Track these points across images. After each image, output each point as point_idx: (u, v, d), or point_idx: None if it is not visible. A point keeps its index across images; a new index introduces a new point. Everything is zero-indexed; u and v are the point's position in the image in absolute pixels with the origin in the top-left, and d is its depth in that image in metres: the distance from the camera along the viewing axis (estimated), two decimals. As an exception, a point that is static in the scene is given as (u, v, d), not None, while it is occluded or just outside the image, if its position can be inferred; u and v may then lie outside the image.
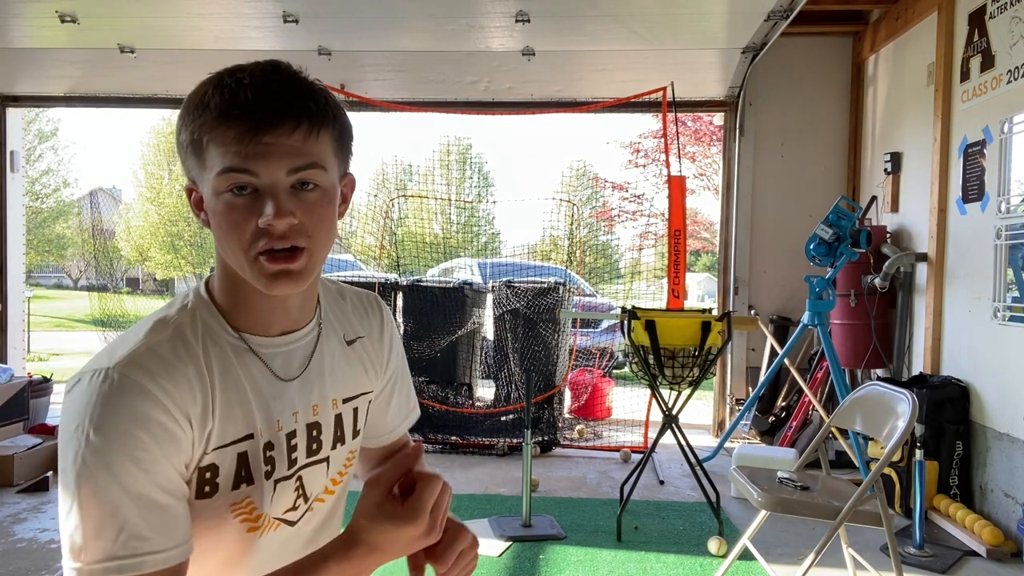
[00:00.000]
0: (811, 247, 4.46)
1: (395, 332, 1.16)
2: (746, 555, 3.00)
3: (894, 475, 3.89)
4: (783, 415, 5.37)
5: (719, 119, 6.43)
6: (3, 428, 4.70)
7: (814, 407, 4.88)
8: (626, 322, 3.76)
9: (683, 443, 3.70)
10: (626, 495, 3.67)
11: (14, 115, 6.51)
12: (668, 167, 5.47)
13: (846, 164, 5.77)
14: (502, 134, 58.97)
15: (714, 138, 13.05)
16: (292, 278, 0.86)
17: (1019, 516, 3.45)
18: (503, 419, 5.49)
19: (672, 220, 5.27)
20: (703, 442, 5.46)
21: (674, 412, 3.72)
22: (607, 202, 16.58)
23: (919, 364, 4.55)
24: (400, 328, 5.59)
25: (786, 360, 4.75)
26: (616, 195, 15.91)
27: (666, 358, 3.71)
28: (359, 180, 0.99)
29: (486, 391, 6.11)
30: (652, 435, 4.54)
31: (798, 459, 3.02)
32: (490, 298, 5.78)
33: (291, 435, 0.96)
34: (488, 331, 5.97)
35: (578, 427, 5.83)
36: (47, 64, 5.83)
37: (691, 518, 3.89)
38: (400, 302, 5.66)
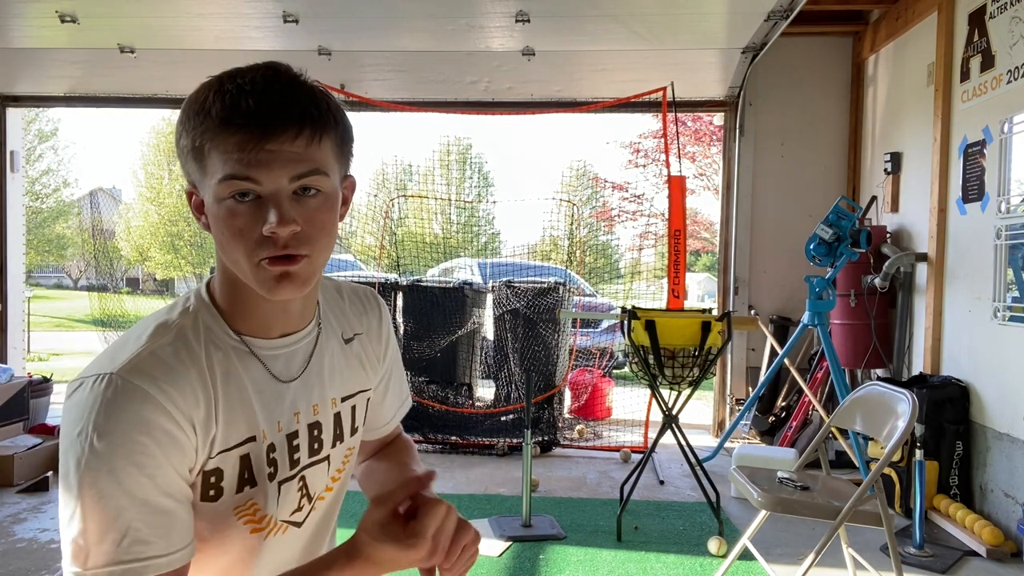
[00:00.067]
0: (811, 247, 4.46)
1: (391, 326, 1.17)
2: (746, 555, 3.00)
3: (894, 475, 3.89)
4: (783, 415, 5.37)
5: (719, 119, 6.43)
6: (3, 428, 4.70)
7: (814, 407, 4.88)
8: (626, 322, 3.76)
9: (683, 443, 3.70)
10: (626, 495, 3.67)
11: (14, 115, 6.51)
12: (668, 167, 5.47)
13: (846, 164, 5.77)
14: (502, 134, 59.03)
15: (714, 138, 13.05)
16: (294, 283, 0.85)
17: (1019, 516, 3.45)
18: (503, 419, 5.49)
19: (672, 220, 5.27)
20: (703, 442, 5.46)
21: (674, 412, 3.72)
22: (607, 202, 16.58)
23: (919, 364, 4.55)
24: (400, 328, 5.59)
25: (786, 360, 4.75)
26: (616, 195, 15.92)
27: (666, 358, 3.71)
28: (359, 180, 0.98)
29: (486, 391, 6.11)
30: (652, 435, 4.54)
31: (798, 459, 3.02)
32: (490, 298, 5.78)
33: (292, 436, 0.96)
34: (488, 331, 5.97)
35: (578, 427, 5.83)
36: (47, 64, 5.83)
37: (691, 518, 3.89)
38: (400, 302, 5.65)
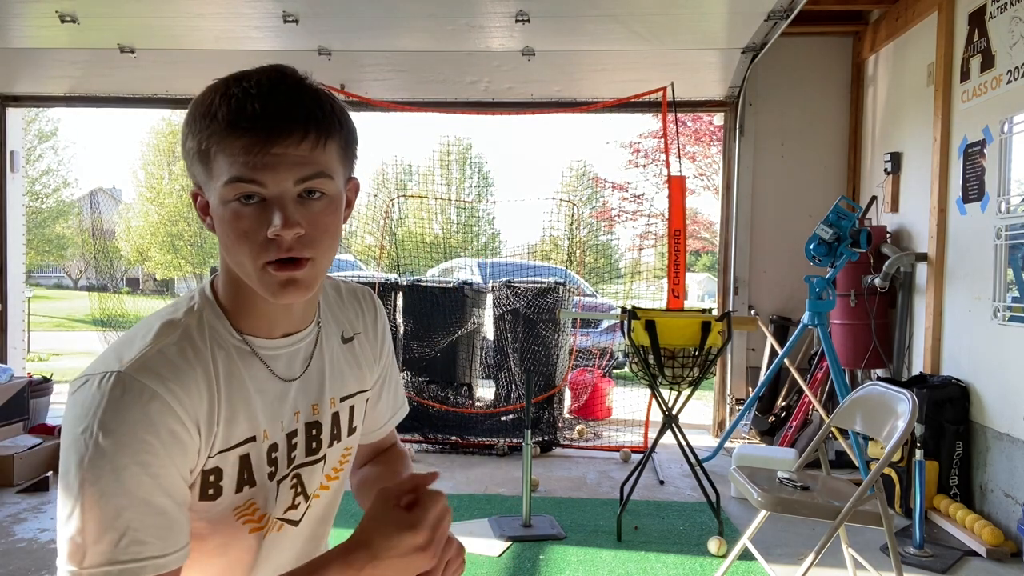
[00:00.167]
0: (811, 247, 4.46)
1: (386, 326, 1.17)
2: (746, 555, 3.00)
3: (894, 475, 3.89)
4: (783, 415, 5.37)
5: (719, 119, 6.43)
6: (3, 428, 4.70)
7: (814, 407, 4.88)
8: (626, 322, 3.76)
9: (683, 443, 3.70)
10: (626, 495, 3.67)
11: (14, 115, 6.51)
12: (668, 167, 5.47)
13: (846, 164, 5.77)
14: (502, 134, 59.01)
15: (714, 138, 13.05)
16: (299, 287, 0.86)
17: (1019, 516, 3.45)
18: (503, 419, 5.49)
19: (672, 220, 5.27)
20: (703, 442, 5.46)
21: (674, 412, 3.72)
22: (607, 202, 16.58)
23: (919, 364, 4.55)
24: (400, 328, 5.58)
25: (786, 360, 4.74)
26: (616, 195, 15.92)
27: (666, 358, 3.71)
28: (359, 180, 0.99)
29: (486, 391, 6.11)
30: (652, 435, 4.54)
31: (798, 459, 3.02)
32: (490, 298, 5.78)
33: (292, 435, 0.97)
34: (488, 331, 5.97)
35: (578, 427, 5.83)
36: (47, 64, 5.83)
37: (691, 518, 3.89)
38: (400, 302, 5.65)
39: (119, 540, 0.78)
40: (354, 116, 0.93)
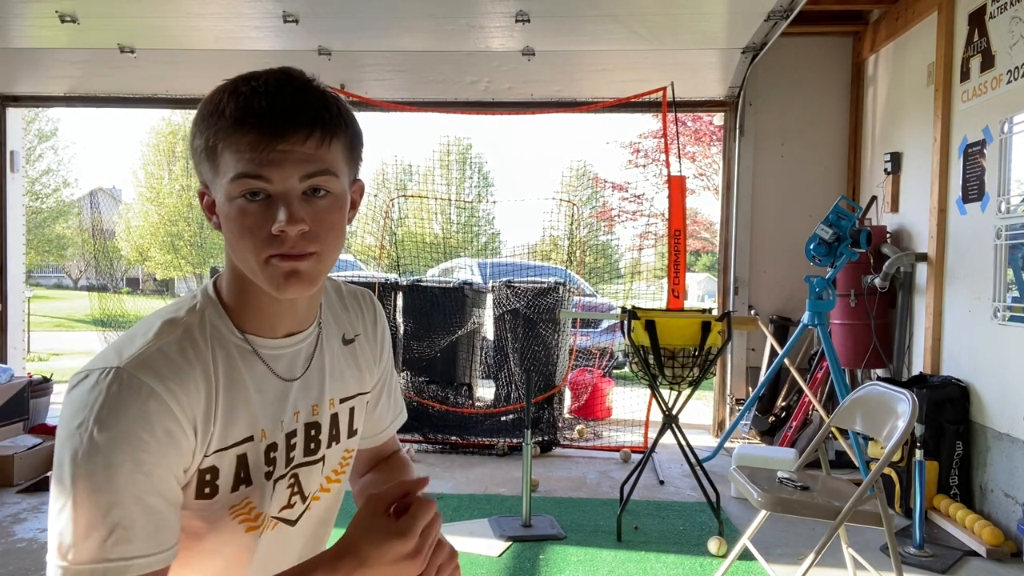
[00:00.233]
0: (811, 247, 4.46)
1: (386, 329, 1.17)
2: (746, 555, 3.00)
3: (894, 475, 3.89)
4: (783, 415, 5.37)
5: (719, 119, 6.43)
6: (3, 428, 4.70)
7: (814, 407, 4.88)
8: (626, 322, 3.76)
9: (683, 443, 3.70)
10: (626, 495, 3.67)
11: (14, 115, 6.51)
12: (668, 167, 5.47)
13: (846, 164, 5.77)
14: (502, 134, 58.99)
15: (714, 138, 13.05)
16: (302, 280, 0.86)
17: (1019, 516, 3.45)
18: (503, 419, 5.49)
19: (672, 220, 5.27)
20: (703, 442, 5.46)
21: (674, 412, 3.72)
22: (607, 202, 16.59)
23: (919, 364, 4.55)
24: (400, 328, 5.58)
25: (786, 360, 4.74)
26: (616, 195, 15.92)
27: (666, 358, 3.71)
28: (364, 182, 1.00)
29: (486, 391, 6.11)
30: (652, 435, 4.54)
31: (798, 459, 3.02)
32: (490, 298, 5.78)
33: (291, 435, 0.97)
34: (488, 331, 5.97)
35: (578, 427, 5.83)
36: (47, 64, 5.83)
37: (691, 518, 3.89)
38: (400, 302, 5.65)
39: (108, 537, 0.77)
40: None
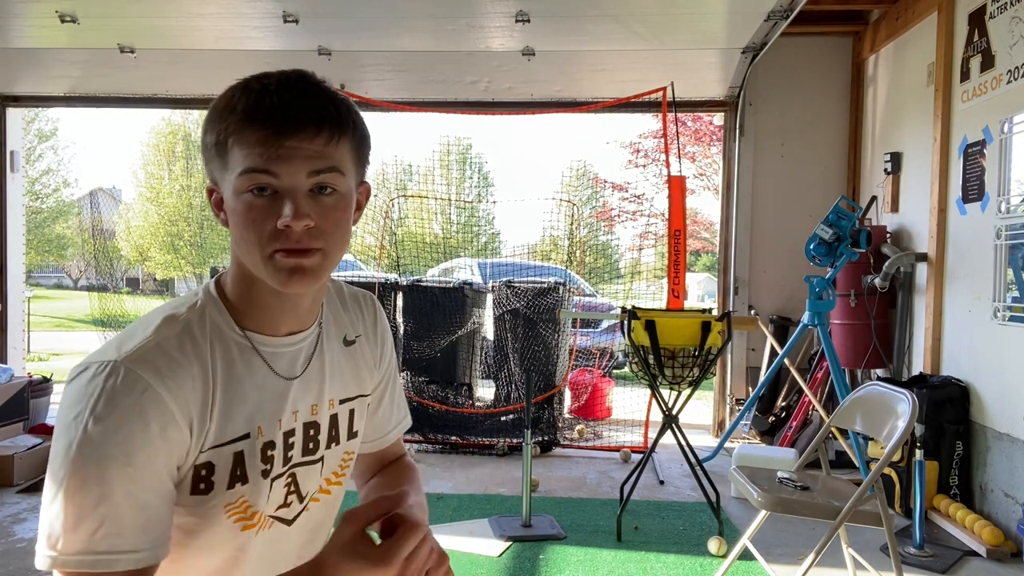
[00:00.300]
0: (811, 247, 4.46)
1: (387, 331, 1.17)
2: (746, 555, 3.00)
3: (894, 475, 3.89)
4: (783, 415, 5.37)
5: (719, 119, 6.43)
6: (3, 428, 4.70)
7: (814, 407, 4.88)
8: (626, 322, 3.76)
9: (683, 443, 3.70)
10: (626, 495, 3.67)
11: (14, 115, 6.51)
12: (668, 167, 5.47)
13: (846, 164, 5.77)
14: (502, 134, 58.92)
15: (714, 138, 13.05)
16: (306, 276, 0.87)
17: (1019, 516, 3.45)
18: (503, 419, 5.49)
19: (672, 220, 5.27)
20: (703, 442, 5.46)
21: (674, 412, 3.72)
22: (607, 202, 16.59)
23: (919, 364, 4.55)
24: (400, 328, 5.58)
25: (786, 360, 4.74)
26: (616, 195, 15.93)
27: (666, 358, 3.71)
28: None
29: (486, 391, 6.11)
30: (652, 435, 4.54)
31: (798, 459, 3.02)
32: (490, 298, 5.78)
33: (289, 433, 0.97)
34: (488, 331, 5.97)
35: (578, 427, 5.83)
36: (47, 64, 5.82)
37: (691, 518, 3.89)
38: (400, 302, 5.65)
39: (97, 529, 0.78)
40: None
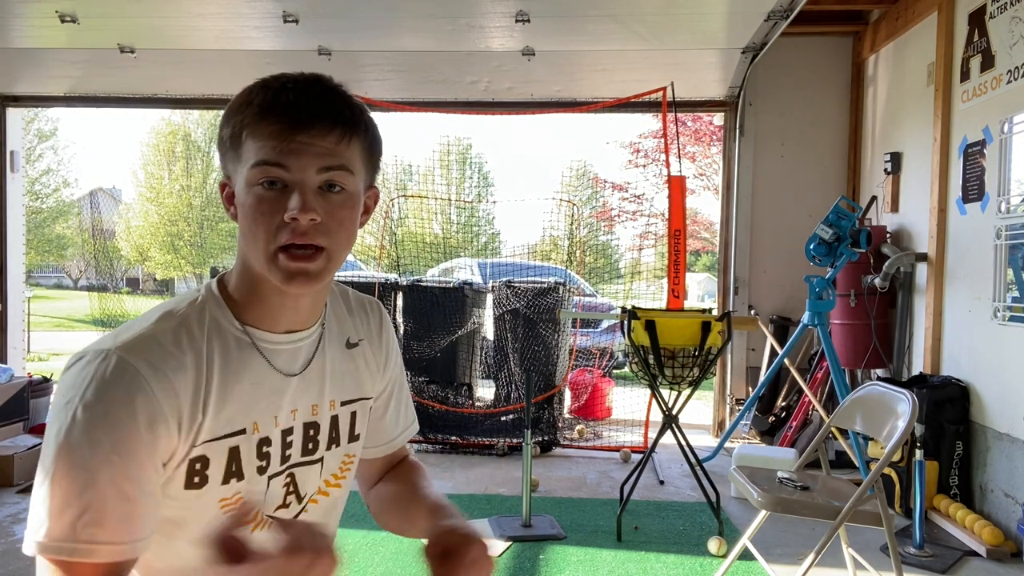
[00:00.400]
0: (811, 247, 4.46)
1: (393, 338, 1.17)
2: (746, 555, 3.00)
3: (894, 475, 3.89)
4: (783, 415, 5.37)
5: (719, 119, 6.43)
6: (3, 428, 4.70)
7: (814, 407, 4.87)
8: (626, 322, 3.76)
9: (683, 443, 3.70)
10: (626, 495, 3.67)
11: (14, 115, 6.50)
12: (668, 167, 5.47)
13: (846, 164, 5.77)
14: (502, 134, 58.88)
15: (714, 138, 13.05)
16: (309, 278, 0.89)
17: (1019, 516, 3.45)
18: (503, 419, 5.49)
19: (672, 220, 5.27)
20: (703, 442, 5.45)
21: (674, 412, 3.72)
22: (607, 202, 16.60)
23: (919, 364, 4.55)
24: (400, 328, 5.58)
25: (786, 360, 4.74)
26: (616, 195, 15.93)
27: (666, 358, 3.71)
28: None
29: (486, 391, 6.11)
30: (652, 435, 4.54)
31: (798, 459, 3.02)
32: (490, 298, 5.78)
33: (287, 432, 0.97)
34: (488, 331, 5.97)
35: (578, 427, 5.83)
36: (47, 64, 5.82)
37: (691, 518, 3.89)
38: (400, 302, 5.65)
39: (80, 516, 0.79)
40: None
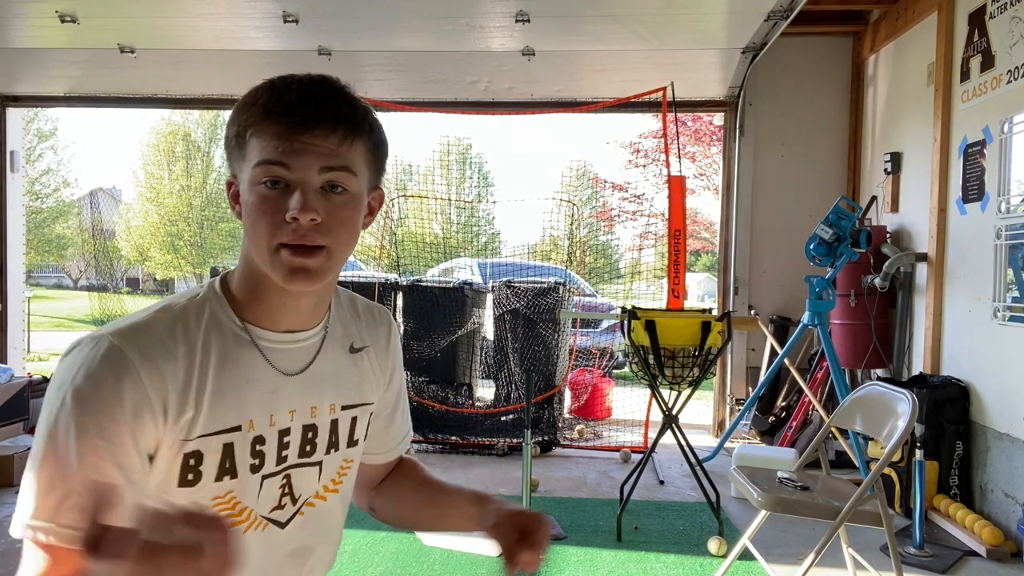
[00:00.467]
0: (811, 247, 4.46)
1: (399, 350, 1.18)
2: (746, 555, 3.00)
3: (894, 475, 3.89)
4: (783, 415, 5.37)
5: (719, 119, 6.43)
6: (3, 428, 4.70)
7: (814, 407, 4.87)
8: (626, 322, 3.76)
9: (683, 443, 3.70)
10: (626, 495, 3.67)
11: (14, 115, 6.50)
12: (668, 167, 5.47)
13: (846, 164, 5.77)
14: (502, 134, 58.89)
15: (714, 138, 13.05)
16: (309, 275, 0.89)
17: (1019, 516, 3.45)
18: (503, 419, 5.49)
19: (672, 220, 5.27)
20: (703, 442, 5.45)
21: (674, 412, 3.72)
22: (607, 202, 16.60)
23: (919, 364, 4.55)
24: (400, 328, 5.58)
25: (786, 360, 4.74)
26: (616, 195, 15.93)
27: (666, 358, 3.71)
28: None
29: (486, 391, 6.11)
30: (652, 435, 4.54)
31: (798, 459, 3.02)
32: (490, 298, 5.78)
33: (284, 432, 0.97)
34: (488, 331, 5.97)
35: (578, 427, 5.83)
36: (47, 64, 5.82)
37: (691, 518, 3.89)
38: (400, 302, 5.65)
39: (63, 500, 0.80)
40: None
